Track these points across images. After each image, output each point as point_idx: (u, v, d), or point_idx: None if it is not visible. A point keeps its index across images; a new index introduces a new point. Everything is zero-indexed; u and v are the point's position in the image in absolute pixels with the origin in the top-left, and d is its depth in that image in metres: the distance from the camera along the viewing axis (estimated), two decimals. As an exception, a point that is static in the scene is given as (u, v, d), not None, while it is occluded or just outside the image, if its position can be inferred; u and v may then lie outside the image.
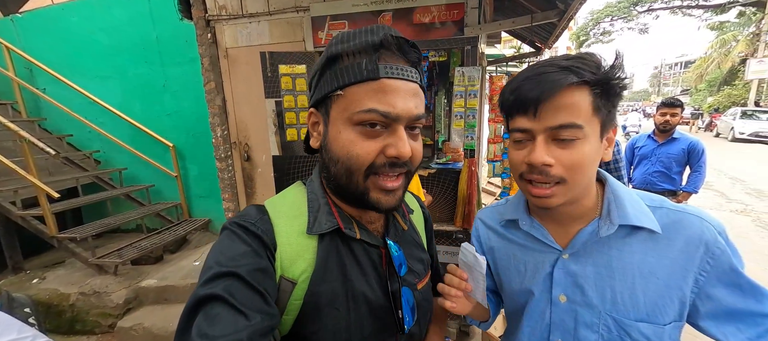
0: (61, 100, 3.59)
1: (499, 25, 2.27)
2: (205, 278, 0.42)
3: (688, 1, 16.58)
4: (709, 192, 5.38)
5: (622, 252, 0.54)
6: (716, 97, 18.82)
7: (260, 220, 0.49)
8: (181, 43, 3.37)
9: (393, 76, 0.45)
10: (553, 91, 0.48)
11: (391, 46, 0.45)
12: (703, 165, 2.47)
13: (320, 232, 0.50)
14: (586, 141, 0.49)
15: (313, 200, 0.53)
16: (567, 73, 0.48)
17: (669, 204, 0.56)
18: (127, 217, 3.29)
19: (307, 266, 0.49)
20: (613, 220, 0.54)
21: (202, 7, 2.58)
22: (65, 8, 3.63)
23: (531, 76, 0.51)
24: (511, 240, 0.65)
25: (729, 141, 11.56)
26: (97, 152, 3.85)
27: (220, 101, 2.71)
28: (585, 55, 0.51)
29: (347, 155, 0.46)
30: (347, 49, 0.45)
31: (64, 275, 2.87)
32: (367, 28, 0.47)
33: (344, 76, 0.45)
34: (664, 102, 2.56)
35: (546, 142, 0.50)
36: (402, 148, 0.46)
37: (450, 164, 2.54)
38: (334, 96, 0.46)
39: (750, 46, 16.51)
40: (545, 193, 0.52)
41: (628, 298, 0.53)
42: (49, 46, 3.70)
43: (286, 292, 0.48)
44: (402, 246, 0.57)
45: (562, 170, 0.50)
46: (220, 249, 0.45)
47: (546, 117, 0.50)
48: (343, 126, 0.46)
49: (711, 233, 0.52)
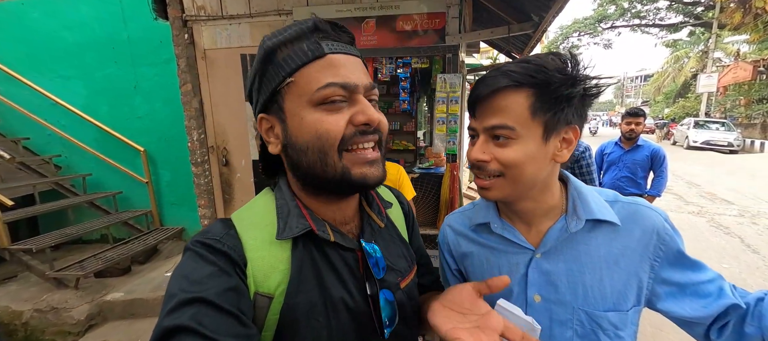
0: (18, 100, 3.32)
1: (478, 35, 2.36)
2: (170, 307, 0.38)
3: (646, 20, 18.06)
4: (668, 196, 5.80)
5: (589, 246, 0.57)
6: (672, 108, 20.46)
7: (226, 236, 0.46)
8: (154, 44, 3.23)
9: (337, 51, 0.45)
10: (488, 93, 0.52)
11: (325, 28, 0.46)
12: (665, 170, 2.67)
13: (291, 236, 0.47)
14: (521, 141, 0.51)
15: (282, 206, 0.50)
16: (503, 77, 0.51)
17: (622, 198, 0.60)
18: (91, 227, 3.07)
19: (282, 278, 0.46)
20: (580, 216, 0.56)
21: (179, 6, 2.50)
22: (26, 3, 3.39)
23: (481, 79, 0.54)
24: (483, 244, 0.65)
25: (684, 148, 12.56)
26: (58, 157, 3.57)
27: (197, 104, 2.61)
28: (533, 58, 0.52)
29: (316, 135, 0.44)
30: (282, 41, 0.45)
31: (17, 290, 2.61)
32: (295, 22, 0.47)
33: (289, 63, 0.44)
34: (628, 112, 2.75)
35: (486, 140, 0.54)
36: (370, 112, 0.45)
37: (433, 169, 2.58)
38: (284, 87, 0.45)
39: (700, 62, 18.16)
40: (484, 184, 0.56)
41: (597, 290, 0.56)
42: (6, 42, 3.42)
43: (263, 308, 0.45)
44: (381, 246, 0.55)
45: (499, 166, 0.53)
46: (183, 273, 0.41)
47: (483, 117, 0.54)
48: (303, 111, 0.45)
49: (660, 221, 0.56)
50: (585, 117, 0.55)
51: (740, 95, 14.72)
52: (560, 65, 0.50)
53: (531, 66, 0.50)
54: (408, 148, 3.88)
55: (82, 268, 2.58)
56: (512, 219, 0.62)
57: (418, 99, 3.75)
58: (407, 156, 3.78)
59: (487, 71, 2.67)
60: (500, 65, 0.55)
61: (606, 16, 18.17)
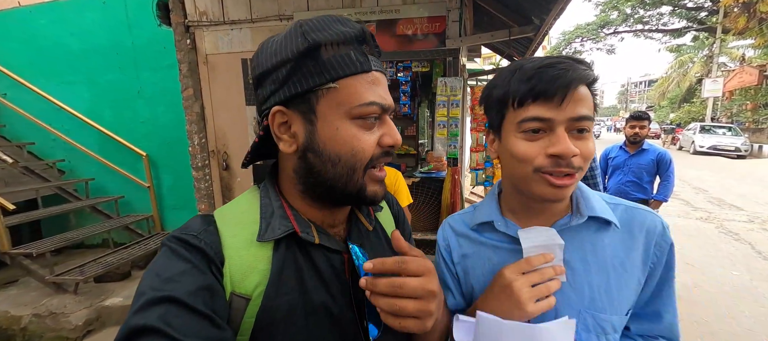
0: (24, 105, 3.36)
1: (479, 38, 2.35)
2: (138, 305, 0.36)
3: (649, 25, 18.03)
4: (676, 201, 5.70)
5: (595, 246, 0.56)
6: (677, 113, 20.29)
7: (204, 232, 0.44)
8: (158, 49, 3.26)
9: (378, 69, 0.46)
10: (580, 82, 0.49)
11: (370, 41, 0.46)
12: (672, 174, 2.62)
13: (273, 238, 0.45)
14: (590, 134, 0.52)
15: (266, 205, 0.48)
16: (587, 68, 0.50)
17: (623, 202, 0.60)
18: (92, 231, 3.07)
19: (261, 279, 0.44)
20: (582, 212, 0.56)
21: (182, 12, 2.53)
22: (33, 10, 3.45)
23: (550, 65, 0.49)
24: (484, 243, 0.63)
25: (690, 153, 12.42)
26: (62, 161, 3.60)
27: (199, 108, 2.62)
28: (570, 56, 0.54)
29: (352, 151, 0.44)
30: (330, 39, 0.42)
31: (17, 295, 2.61)
32: (333, 18, 0.45)
33: (335, 68, 0.42)
34: (632, 115, 2.71)
35: (566, 132, 0.50)
36: (397, 136, 0.47)
37: (433, 173, 2.56)
38: (324, 90, 0.43)
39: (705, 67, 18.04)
40: (568, 183, 0.50)
41: (604, 294, 0.55)
42: (13, 49, 3.48)
43: (239, 310, 0.43)
44: (368, 249, 0.53)
45: (581, 160, 0.51)
46: (156, 270, 0.39)
47: (570, 107, 0.49)
48: (339, 121, 0.43)
49: (659, 226, 0.57)
50: None
51: (747, 100, 14.56)
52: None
53: (586, 63, 0.52)
54: (409, 153, 3.86)
55: (82, 273, 2.57)
56: (518, 217, 0.61)
57: (419, 103, 3.75)
58: (408, 160, 3.76)
59: (489, 75, 2.63)
60: (555, 56, 0.52)
61: (608, 21, 18.17)
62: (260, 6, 2.44)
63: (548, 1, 2.01)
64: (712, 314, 2.45)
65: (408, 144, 3.99)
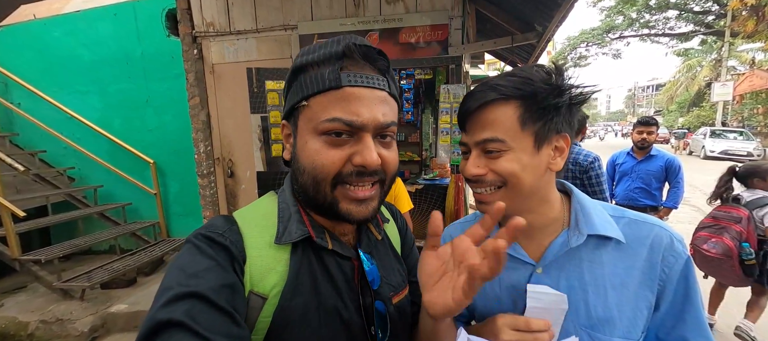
0: (37, 114, 3.45)
1: (481, 45, 2.35)
2: (164, 299, 0.37)
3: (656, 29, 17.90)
4: (686, 208, 5.57)
5: (592, 263, 0.54)
6: (686, 118, 19.98)
7: (229, 230, 0.46)
8: (166, 59, 3.34)
9: (356, 85, 0.44)
10: (475, 108, 0.52)
11: (354, 55, 0.45)
12: (681, 181, 2.56)
13: (290, 241, 0.47)
14: (512, 153, 0.51)
15: (283, 209, 0.51)
16: (489, 91, 0.51)
17: (629, 213, 0.57)
18: (100, 238, 3.11)
19: (278, 280, 0.46)
20: (582, 230, 0.54)
21: (189, 23, 2.58)
22: (47, 23, 3.57)
23: (468, 94, 0.54)
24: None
25: (701, 158, 12.16)
26: (72, 169, 3.68)
27: (205, 116, 2.66)
28: (520, 70, 0.53)
29: (312, 165, 0.46)
30: (311, 60, 0.45)
31: (25, 301, 2.65)
32: (333, 39, 0.47)
33: (308, 87, 0.45)
34: (639, 121, 2.68)
35: (478, 155, 0.53)
36: (368, 156, 0.44)
37: (437, 180, 2.54)
38: (301, 107, 0.47)
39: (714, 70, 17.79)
40: (484, 198, 0.54)
41: (601, 312, 0.53)
42: (28, 60, 3.60)
43: (256, 309, 0.44)
44: (376, 258, 0.55)
45: (497, 177, 0.52)
46: (181, 265, 0.41)
47: (473, 132, 0.53)
48: (309, 136, 0.46)
49: (666, 238, 0.54)
50: (573, 125, 0.55)
51: (758, 104, 14.28)
52: (545, 76, 0.51)
53: (517, 79, 0.51)
54: (413, 159, 3.86)
55: (88, 279, 2.60)
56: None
57: (422, 110, 3.75)
58: (412, 167, 3.76)
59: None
60: (486, 80, 0.55)
61: (614, 26, 18.08)
62: (265, 16, 2.49)
63: (551, 9, 2.01)
64: (724, 324, 2.38)
65: (411, 151, 3.99)
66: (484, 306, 0.63)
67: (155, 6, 3.27)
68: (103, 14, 3.43)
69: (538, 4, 2.14)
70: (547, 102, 0.50)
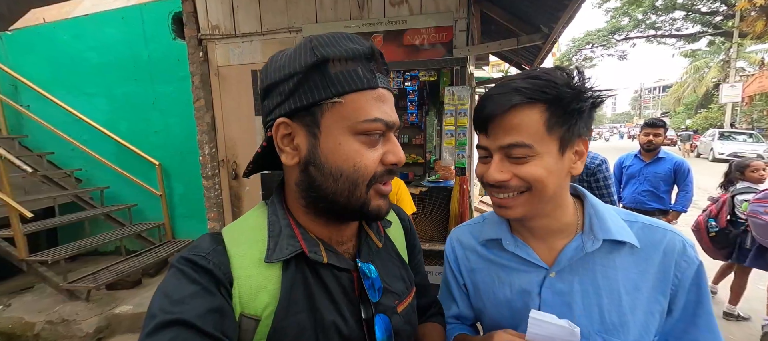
0: (46, 117, 3.50)
1: (486, 47, 2.34)
2: (149, 328, 0.36)
3: (662, 30, 17.72)
4: (695, 211, 5.46)
5: (606, 268, 0.54)
6: (694, 120, 19.71)
7: (213, 252, 0.44)
8: (172, 62, 3.37)
9: (385, 87, 0.46)
10: (500, 111, 0.50)
11: (379, 58, 0.46)
12: (690, 184, 2.52)
13: (281, 259, 0.45)
14: (538, 158, 0.50)
15: (273, 223, 0.48)
16: (514, 94, 0.49)
17: (642, 218, 0.57)
18: (106, 239, 3.13)
19: (270, 299, 0.43)
20: (597, 235, 0.54)
21: (195, 26, 2.60)
22: (57, 26, 3.63)
23: (488, 96, 0.52)
24: (493, 261, 0.62)
25: (710, 161, 11.98)
26: (79, 170, 3.72)
27: (209, 118, 2.68)
28: (542, 73, 0.51)
29: (354, 167, 0.44)
30: (338, 54, 0.42)
31: (32, 302, 2.67)
32: (343, 35, 0.45)
33: (342, 83, 0.42)
34: (647, 122, 2.64)
35: (501, 159, 0.52)
36: (400, 154, 0.47)
37: (441, 182, 2.52)
38: (328, 104, 0.43)
39: (722, 71, 17.54)
40: (505, 203, 0.54)
41: (616, 317, 0.53)
42: (38, 63, 3.65)
43: (249, 331, 0.43)
44: (378, 266, 0.53)
45: (521, 182, 0.52)
46: (166, 291, 0.39)
47: (497, 136, 0.52)
48: (343, 136, 0.43)
49: (679, 243, 0.53)
50: (591, 128, 0.54)
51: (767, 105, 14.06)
52: (567, 79, 0.50)
53: (541, 81, 0.49)
54: (417, 162, 3.84)
55: (94, 280, 2.62)
56: (525, 236, 0.59)
57: (427, 112, 3.74)
58: (416, 169, 3.74)
59: (496, 81, 2.59)
60: (506, 81, 0.53)
61: (619, 27, 17.94)
62: (270, 19, 2.50)
63: (557, 10, 1.99)
64: (736, 329, 2.32)
65: (416, 153, 3.98)
66: (495, 310, 0.62)
67: (162, 9, 3.31)
68: (111, 18, 3.47)
69: (544, 6, 2.12)
70: (571, 106, 0.49)
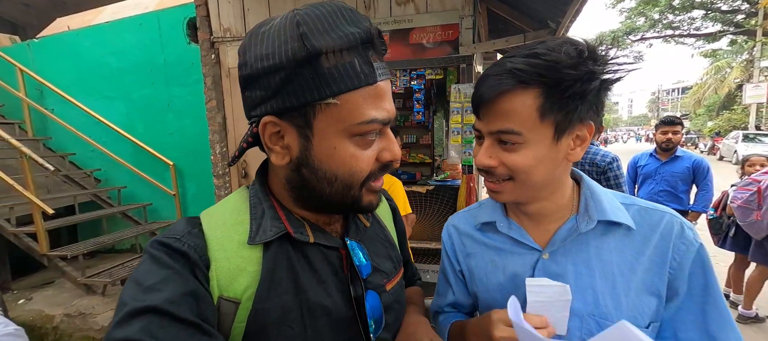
0: (68, 119, 3.67)
1: (492, 44, 2.33)
2: (119, 317, 0.34)
3: (680, 30, 17.17)
4: (717, 215, 5.23)
5: (600, 249, 0.53)
6: (716, 121, 18.93)
7: (188, 235, 0.42)
8: (186, 66, 3.48)
9: (384, 78, 0.41)
10: (491, 95, 0.47)
11: (378, 44, 0.41)
12: (710, 183, 2.42)
13: (265, 240, 0.43)
14: (528, 146, 0.48)
15: (255, 205, 0.46)
16: (507, 77, 0.46)
17: (640, 201, 0.55)
18: (122, 236, 3.24)
19: (250, 281, 0.42)
20: (592, 216, 0.52)
21: (208, 29, 2.69)
22: (80, 34, 3.82)
23: (484, 76, 0.49)
24: (487, 244, 0.61)
25: (733, 164, 11.48)
26: (98, 170, 3.87)
27: (221, 119, 2.75)
28: (545, 50, 0.45)
29: (350, 171, 0.42)
30: (330, 46, 0.37)
31: (52, 295, 2.78)
32: (336, 10, 0.39)
33: (337, 82, 0.38)
34: (663, 120, 2.55)
35: (492, 143, 0.51)
36: (396, 150, 0.44)
37: (448, 181, 2.51)
38: (322, 104, 0.39)
39: (745, 72, 16.83)
40: (495, 188, 0.53)
41: (609, 299, 0.51)
42: (62, 69, 3.84)
43: (229, 315, 0.41)
44: (366, 245, 0.52)
45: (507, 170, 0.50)
46: (137, 278, 0.37)
47: (487, 120, 0.50)
48: (338, 140, 0.40)
49: (677, 226, 0.51)
50: (600, 111, 0.50)
51: (796, 106, 13.38)
52: (575, 58, 0.44)
53: (541, 62, 0.44)
54: (424, 161, 3.83)
55: (110, 276, 2.71)
56: (520, 218, 0.59)
57: (434, 111, 3.73)
58: (423, 169, 3.73)
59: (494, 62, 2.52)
60: (504, 59, 0.48)
61: (635, 28, 17.49)
62: (279, 21, 2.56)
63: (564, 3, 1.96)
64: (762, 337, 2.20)
65: (423, 152, 3.96)
66: (488, 295, 0.61)
67: (177, 15, 3.43)
68: (130, 24, 3.63)
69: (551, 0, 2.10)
70: (573, 89, 0.44)
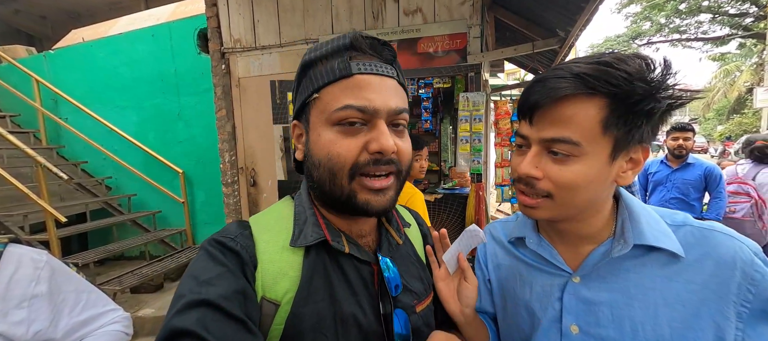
0: (81, 128, 3.75)
1: (501, 53, 2.33)
2: (177, 307, 0.37)
3: (687, 34, 17.02)
4: (731, 222, 5.11)
5: (641, 276, 0.47)
6: (727, 125, 18.62)
7: (241, 235, 0.46)
8: (197, 76, 3.54)
9: (367, 72, 0.44)
10: (550, 100, 0.43)
11: (361, 45, 0.45)
12: (723, 190, 2.37)
13: (305, 244, 0.46)
14: (583, 159, 0.44)
15: (300, 213, 0.50)
16: (573, 81, 0.42)
17: (693, 221, 0.49)
18: (131, 243, 3.27)
19: (290, 285, 0.44)
20: (628, 240, 0.47)
21: (219, 40, 2.74)
22: (94, 45, 3.92)
23: (540, 79, 0.46)
24: (517, 258, 0.59)
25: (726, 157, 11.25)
26: (109, 178, 3.94)
27: (230, 128, 2.78)
28: (615, 59, 0.42)
29: (328, 155, 0.44)
30: (320, 56, 0.46)
31: (63, 303, 2.80)
32: (339, 35, 0.47)
33: (318, 79, 0.45)
34: (674, 126, 2.52)
35: (539, 152, 0.47)
36: (384, 141, 0.43)
37: (457, 189, 2.50)
38: (312, 101, 0.46)
39: (755, 75, 16.56)
40: (529, 203, 0.49)
41: (650, 331, 0.46)
42: (76, 79, 3.94)
43: (269, 315, 0.43)
44: (397, 263, 0.52)
45: (550, 185, 0.46)
46: (194, 272, 0.41)
47: (541, 127, 0.46)
48: (322, 128, 0.45)
49: (746, 253, 0.44)
50: (657, 135, 0.47)
51: (809, 109, 13.11)
52: (645, 72, 0.41)
53: (611, 71, 0.41)
54: (432, 169, 3.82)
55: (120, 283, 2.73)
56: (552, 237, 0.55)
57: (441, 119, 3.73)
58: (431, 176, 3.72)
59: (513, 90, 2.53)
60: (564, 64, 0.45)
61: (641, 32, 17.39)
62: (288, 32, 2.60)
63: (573, 12, 1.96)
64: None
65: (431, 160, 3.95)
66: (514, 311, 0.59)
67: (189, 26, 3.50)
68: (142, 36, 3.71)
69: (560, 9, 2.10)
70: (641, 106, 0.41)
